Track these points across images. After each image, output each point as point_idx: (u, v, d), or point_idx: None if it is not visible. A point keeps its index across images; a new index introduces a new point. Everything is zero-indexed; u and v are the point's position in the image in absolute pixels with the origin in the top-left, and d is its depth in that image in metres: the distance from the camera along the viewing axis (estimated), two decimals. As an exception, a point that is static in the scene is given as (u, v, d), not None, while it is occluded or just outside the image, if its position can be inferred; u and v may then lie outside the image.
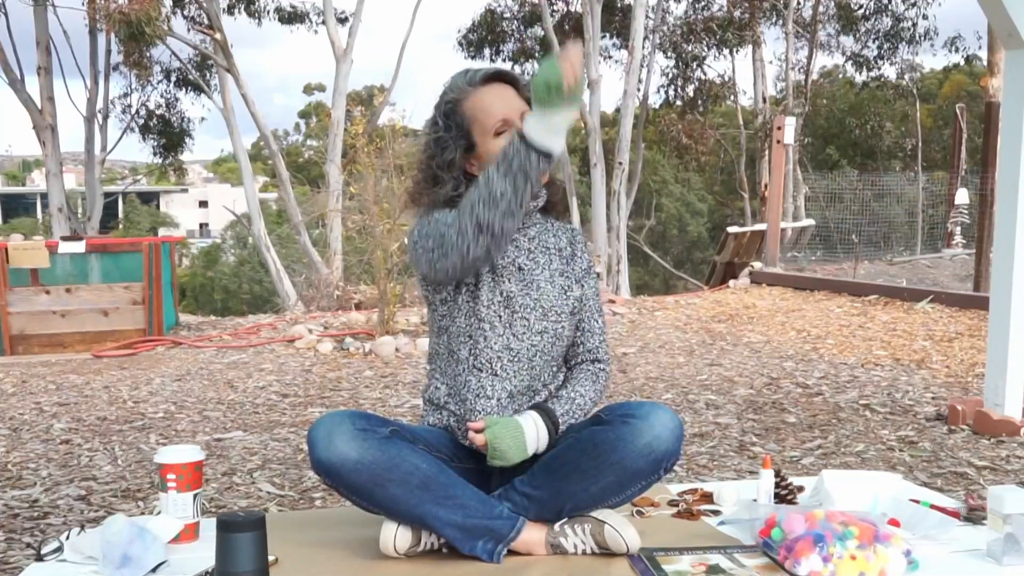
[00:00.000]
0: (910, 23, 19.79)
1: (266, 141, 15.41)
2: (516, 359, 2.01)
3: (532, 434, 1.95)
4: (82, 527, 2.09)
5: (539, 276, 2.04)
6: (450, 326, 2.05)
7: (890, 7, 19.86)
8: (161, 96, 17.70)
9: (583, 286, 2.11)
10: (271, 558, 1.85)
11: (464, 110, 1.97)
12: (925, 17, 19.70)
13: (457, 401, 2.04)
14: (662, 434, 1.88)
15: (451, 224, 1.84)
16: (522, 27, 19.52)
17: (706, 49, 19.16)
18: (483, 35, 19.52)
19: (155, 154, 18.33)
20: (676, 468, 3.03)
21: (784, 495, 2.26)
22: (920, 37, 19.96)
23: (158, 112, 17.72)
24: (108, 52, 15.55)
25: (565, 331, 2.06)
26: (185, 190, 47.91)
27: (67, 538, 2.04)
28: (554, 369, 2.08)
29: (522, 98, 1.98)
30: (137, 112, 17.57)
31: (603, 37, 17.53)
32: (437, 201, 2.00)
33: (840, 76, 24.08)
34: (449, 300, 2.03)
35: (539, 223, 2.10)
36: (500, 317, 1.99)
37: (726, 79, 20.78)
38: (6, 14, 14.01)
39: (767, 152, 16.24)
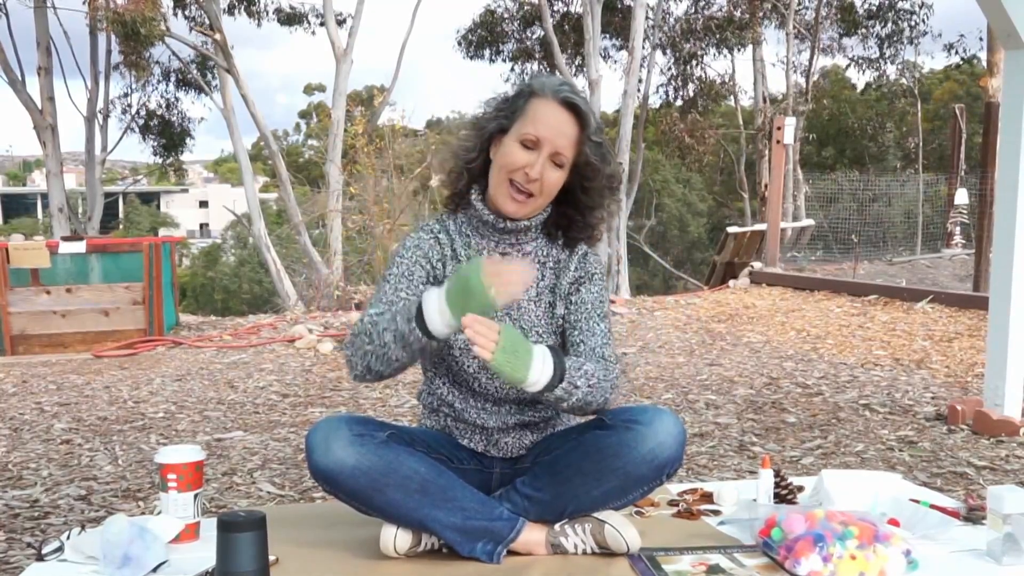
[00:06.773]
0: (910, 18, 19.78)
1: (266, 141, 15.42)
2: (495, 376, 1.96)
3: (539, 361, 1.78)
4: (83, 527, 2.10)
5: (525, 293, 1.95)
6: None
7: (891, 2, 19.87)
8: (161, 96, 17.72)
9: (570, 301, 2.01)
10: (271, 558, 1.85)
11: (528, 103, 1.94)
12: (923, 5, 19.72)
13: (448, 404, 2.05)
14: (665, 440, 1.88)
15: (357, 344, 1.86)
16: (522, 27, 19.52)
17: (706, 49, 19.16)
18: (483, 35, 19.53)
19: (155, 154, 18.35)
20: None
21: (784, 495, 2.26)
22: (918, 32, 19.95)
23: (158, 112, 17.73)
24: (108, 52, 15.58)
25: None
26: (185, 190, 47.95)
27: (68, 538, 2.04)
28: None
29: (578, 137, 1.92)
30: (137, 112, 17.59)
31: (603, 37, 17.53)
32: (459, 164, 2.00)
33: (840, 76, 24.08)
34: None
35: (540, 239, 2.04)
36: None
37: (726, 79, 20.78)
38: (6, 14, 14.03)
39: (767, 152, 16.24)
